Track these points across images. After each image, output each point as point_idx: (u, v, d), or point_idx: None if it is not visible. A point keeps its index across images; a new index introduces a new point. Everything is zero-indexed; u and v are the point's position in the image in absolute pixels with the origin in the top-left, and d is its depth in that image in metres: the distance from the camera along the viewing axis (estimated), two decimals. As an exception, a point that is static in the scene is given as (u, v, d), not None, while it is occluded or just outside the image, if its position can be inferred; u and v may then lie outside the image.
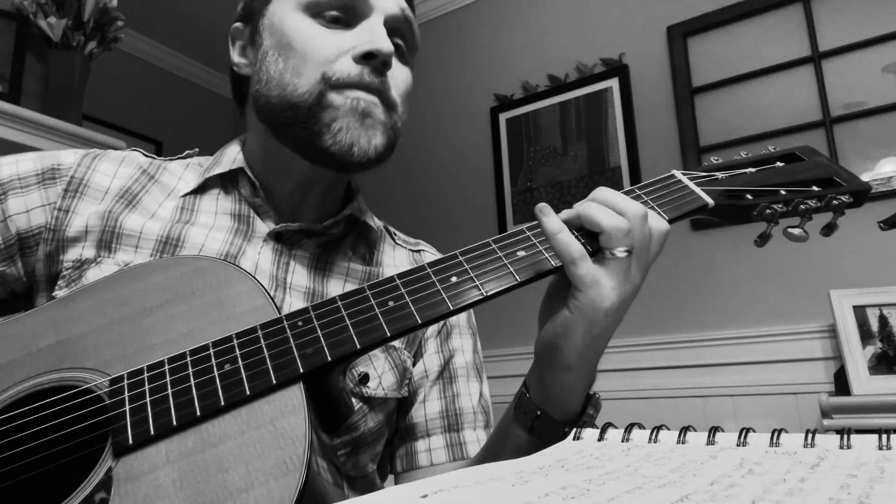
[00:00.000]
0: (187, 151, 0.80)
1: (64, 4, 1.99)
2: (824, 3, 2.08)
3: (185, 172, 0.75)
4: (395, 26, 0.68)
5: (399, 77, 0.69)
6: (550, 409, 0.55)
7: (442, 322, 0.79)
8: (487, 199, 2.66)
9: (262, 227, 0.72)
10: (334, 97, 0.64)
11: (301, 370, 0.47)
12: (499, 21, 2.79)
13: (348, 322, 0.50)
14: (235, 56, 0.74)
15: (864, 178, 1.90)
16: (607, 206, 0.53)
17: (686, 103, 2.25)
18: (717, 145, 2.18)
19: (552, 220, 0.53)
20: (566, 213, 0.55)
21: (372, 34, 0.65)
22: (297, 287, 0.70)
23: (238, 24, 0.74)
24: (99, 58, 2.15)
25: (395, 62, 0.69)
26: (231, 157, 0.74)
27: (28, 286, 0.69)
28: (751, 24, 2.20)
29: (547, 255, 0.54)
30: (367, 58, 0.64)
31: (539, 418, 0.55)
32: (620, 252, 0.51)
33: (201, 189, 0.73)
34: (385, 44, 0.64)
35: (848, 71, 2.02)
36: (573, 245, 0.51)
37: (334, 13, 0.66)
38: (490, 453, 0.64)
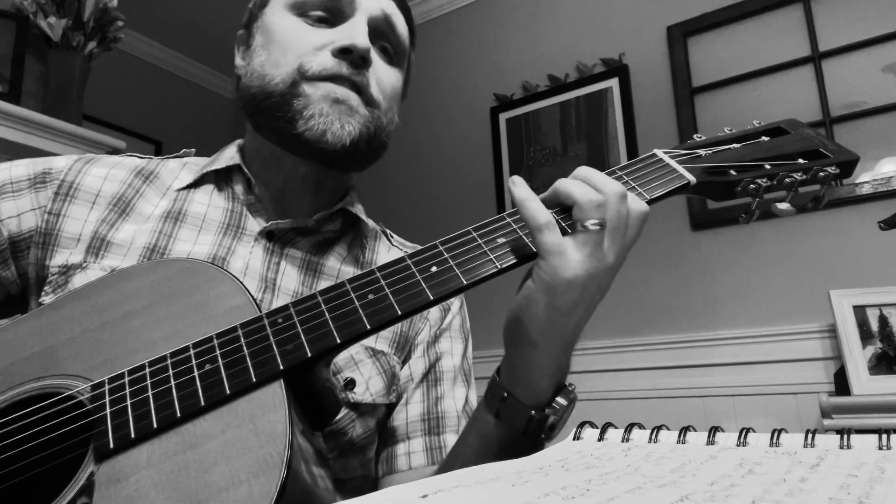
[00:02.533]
0: (184, 150, 0.81)
1: (64, 4, 1.99)
2: (824, 3, 2.08)
3: (181, 171, 0.76)
4: (378, 28, 0.70)
5: (383, 76, 0.71)
6: (517, 392, 0.53)
7: (435, 326, 0.78)
8: (487, 198, 2.66)
9: (254, 225, 0.72)
10: (306, 87, 0.66)
11: (281, 367, 0.47)
12: (499, 21, 2.79)
13: (328, 317, 0.49)
14: (238, 60, 0.76)
15: (864, 178, 1.90)
16: (585, 182, 0.53)
17: (686, 103, 2.25)
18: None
19: (521, 189, 0.53)
20: (544, 194, 0.54)
21: (352, 31, 0.67)
22: (286, 290, 0.70)
23: (241, 31, 0.77)
24: (99, 58, 2.15)
25: (380, 62, 0.71)
26: (228, 155, 0.75)
27: (23, 288, 0.69)
28: (751, 24, 2.20)
29: (527, 240, 0.53)
30: (344, 52, 0.66)
31: (505, 400, 0.54)
32: (592, 224, 0.50)
33: (196, 184, 0.74)
34: (361, 39, 0.66)
35: (848, 71, 2.02)
36: (541, 213, 0.51)
37: (319, 13, 0.69)
38: (458, 440, 0.63)
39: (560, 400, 0.54)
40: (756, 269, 2.05)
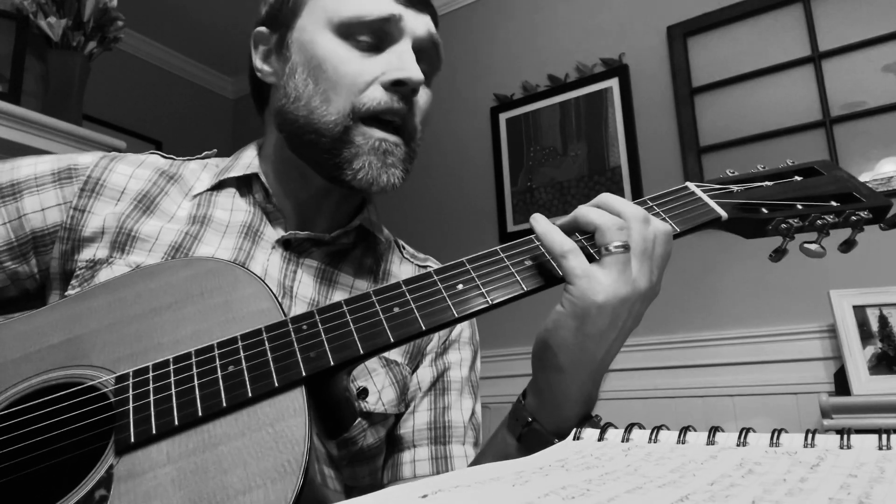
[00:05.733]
0: (205, 153, 0.81)
1: (64, 4, 1.99)
2: (824, 3, 2.08)
3: (202, 173, 0.76)
4: (422, 48, 0.69)
5: (422, 101, 0.70)
6: (542, 418, 0.53)
7: (444, 335, 0.78)
8: (487, 198, 2.66)
9: (272, 232, 0.72)
10: (358, 136, 0.65)
11: (303, 374, 0.47)
12: (499, 21, 2.79)
13: (352, 327, 0.50)
14: (258, 61, 0.73)
15: (864, 177, 1.90)
16: (605, 207, 0.53)
17: (686, 103, 2.25)
18: (717, 145, 2.18)
19: (541, 223, 0.53)
20: (564, 219, 0.54)
21: (402, 61, 0.65)
22: (302, 297, 0.70)
23: (263, 29, 0.73)
24: (99, 58, 2.15)
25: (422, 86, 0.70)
26: (247, 161, 0.75)
27: (41, 284, 0.69)
28: (751, 24, 2.20)
29: (554, 263, 0.53)
30: (396, 84, 0.65)
31: (529, 426, 0.53)
32: (615, 247, 0.50)
33: (217, 188, 0.74)
34: (416, 73, 0.65)
35: (848, 71, 2.02)
36: (564, 241, 0.51)
37: (365, 37, 0.66)
38: (479, 459, 0.63)
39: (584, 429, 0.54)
40: (756, 269, 2.05)
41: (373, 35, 0.66)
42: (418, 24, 0.68)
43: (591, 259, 0.52)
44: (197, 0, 3.04)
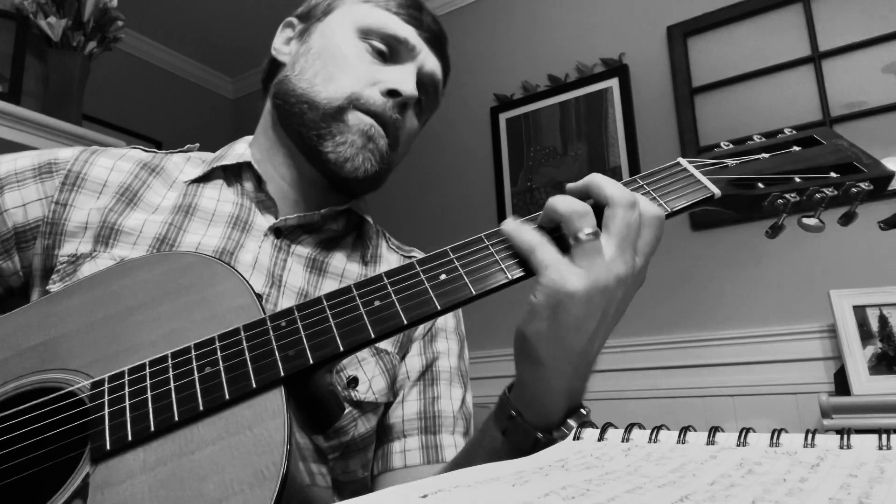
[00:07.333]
0: (188, 146, 0.82)
1: (64, 4, 1.99)
2: (824, 3, 2.08)
3: (186, 165, 0.76)
4: (423, 83, 0.75)
5: (409, 124, 0.76)
6: (527, 412, 0.51)
7: (430, 323, 0.78)
8: (487, 198, 2.66)
9: (262, 221, 0.73)
10: (351, 117, 0.70)
11: (282, 373, 0.46)
12: (499, 21, 2.79)
13: (332, 322, 0.48)
14: (278, 43, 0.78)
15: (864, 178, 1.90)
16: (598, 188, 0.51)
17: (686, 103, 2.25)
18: (717, 145, 2.18)
19: (509, 223, 0.51)
20: (539, 217, 0.53)
21: (402, 76, 0.71)
22: (291, 287, 0.70)
23: (293, 20, 0.79)
24: (99, 58, 2.15)
25: (411, 111, 0.75)
26: (238, 152, 0.76)
27: (24, 281, 0.69)
28: (751, 24, 2.20)
29: (526, 260, 0.51)
30: (393, 94, 0.70)
31: (513, 419, 0.52)
32: (584, 235, 0.48)
33: (205, 178, 0.74)
34: (411, 88, 0.71)
35: (848, 71, 2.02)
36: (531, 237, 0.49)
37: (380, 45, 0.73)
38: (466, 454, 0.62)
39: (571, 423, 0.51)
40: (756, 269, 2.05)
41: (387, 46, 0.73)
42: (428, 60, 0.75)
43: (566, 250, 0.49)
44: (197, 1, 3.04)
